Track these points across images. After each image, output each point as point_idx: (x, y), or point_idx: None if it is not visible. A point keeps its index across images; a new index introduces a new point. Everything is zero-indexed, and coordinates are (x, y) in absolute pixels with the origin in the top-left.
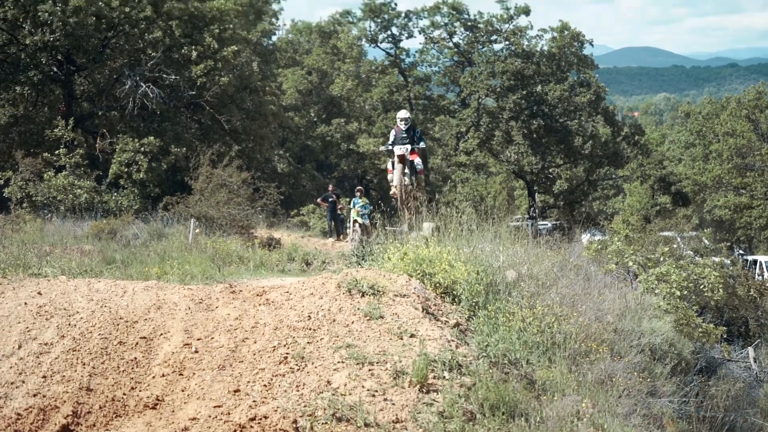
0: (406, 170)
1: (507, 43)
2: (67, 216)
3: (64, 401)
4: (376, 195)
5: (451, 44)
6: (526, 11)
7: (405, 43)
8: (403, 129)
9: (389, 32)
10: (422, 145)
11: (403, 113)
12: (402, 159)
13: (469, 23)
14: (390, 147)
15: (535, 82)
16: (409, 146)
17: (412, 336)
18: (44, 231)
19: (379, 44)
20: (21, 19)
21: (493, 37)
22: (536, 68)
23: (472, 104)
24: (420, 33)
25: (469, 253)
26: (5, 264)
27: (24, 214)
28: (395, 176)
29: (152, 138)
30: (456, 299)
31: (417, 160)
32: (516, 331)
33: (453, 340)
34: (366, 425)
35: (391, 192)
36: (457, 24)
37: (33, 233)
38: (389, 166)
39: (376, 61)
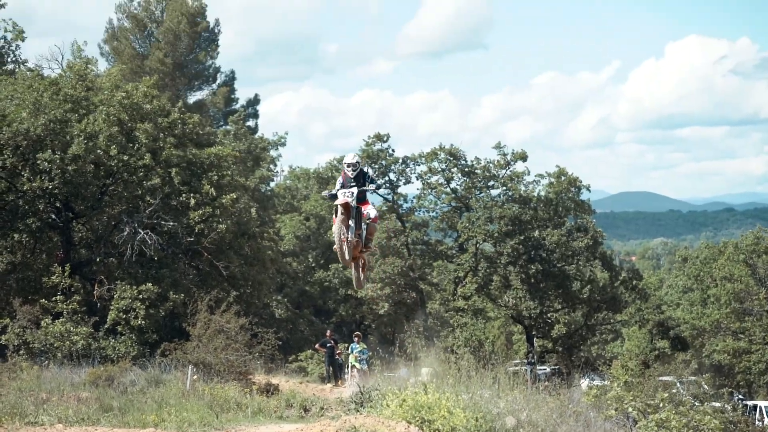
0: (351, 222)
1: (504, 188)
2: (64, 363)
3: None
4: (374, 340)
5: (448, 189)
6: (523, 157)
7: (403, 189)
8: (351, 176)
9: (387, 178)
10: (373, 186)
11: (349, 157)
12: (346, 208)
13: (466, 169)
14: (333, 192)
15: (533, 227)
16: (355, 189)
17: None
18: (41, 378)
19: (376, 190)
20: (20, 167)
21: (491, 183)
22: (534, 213)
23: (470, 249)
24: (417, 178)
25: (468, 399)
26: (1, 412)
27: (21, 362)
28: (335, 228)
29: (150, 285)
30: None
31: (368, 208)
32: None
33: None
34: None
35: (333, 246)
36: (454, 170)
37: (30, 380)
38: (333, 215)
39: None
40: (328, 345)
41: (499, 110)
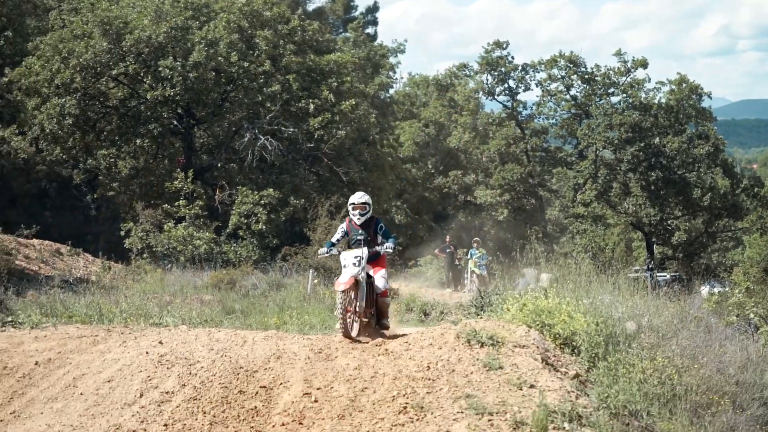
0: (358, 295)
1: (624, 95)
2: (186, 266)
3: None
4: (493, 246)
5: (568, 96)
6: (644, 64)
7: (522, 96)
8: (358, 223)
9: (506, 85)
10: (389, 247)
11: (358, 196)
12: (354, 285)
13: (586, 76)
14: (333, 250)
15: (653, 134)
16: (364, 253)
17: (531, 386)
18: (164, 281)
19: (496, 97)
20: (142, 74)
21: (611, 90)
22: (654, 120)
23: (590, 156)
24: (537, 86)
25: (588, 304)
26: (127, 314)
27: (144, 265)
28: (337, 302)
29: (271, 190)
30: (575, 350)
31: (378, 276)
32: (636, 383)
33: (573, 391)
34: None
35: (337, 326)
36: (574, 77)
37: (153, 283)
38: (339, 278)
39: (493, 113)
40: (447, 250)
41: (619, 18)
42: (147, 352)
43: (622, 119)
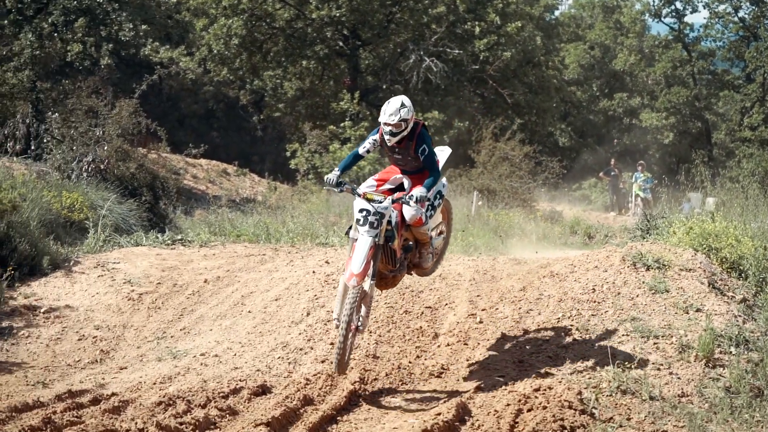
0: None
1: None
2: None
3: (352, 368)
4: (657, 170)
5: (736, 18)
6: None
7: (689, 18)
8: (395, 138)
9: (673, 6)
10: (422, 195)
11: (392, 110)
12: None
13: None
14: (344, 184)
15: None
16: (387, 206)
17: (697, 310)
18: (330, 202)
19: (662, 19)
20: None
21: None
22: None
23: (758, 79)
24: (704, 7)
25: (756, 228)
26: (293, 233)
27: (310, 185)
28: (338, 300)
29: (435, 112)
30: (742, 275)
31: (415, 194)
32: None
33: (740, 316)
34: (651, 398)
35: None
36: None
37: (319, 204)
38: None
39: (660, 35)
40: (612, 174)
41: None
42: (314, 272)
43: None
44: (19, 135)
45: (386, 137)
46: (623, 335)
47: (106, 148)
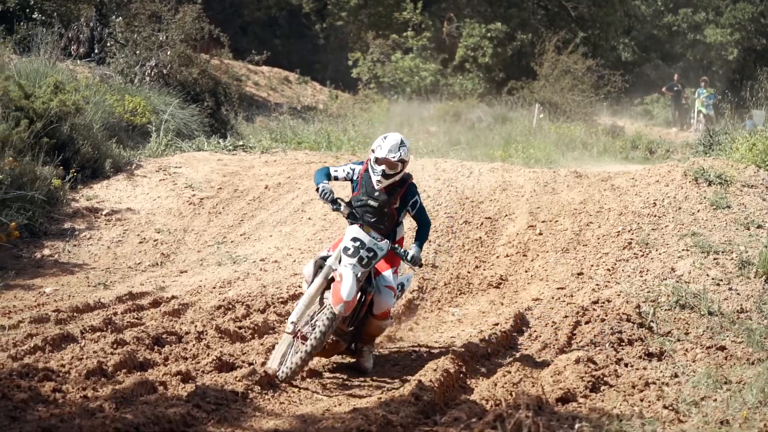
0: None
1: None
2: (412, 97)
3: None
4: (721, 86)
5: None
6: None
7: None
8: (386, 181)
9: None
10: (415, 258)
11: (390, 145)
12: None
13: None
14: (339, 205)
15: None
16: (385, 247)
17: (759, 227)
18: (390, 111)
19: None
20: None
21: None
22: None
23: None
24: None
25: None
26: (354, 141)
27: (371, 95)
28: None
29: (499, 24)
30: None
31: (383, 280)
32: None
33: None
34: (710, 313)
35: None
36: None
37: (380, 113)
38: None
39: None
40: (674, 89)
41: None
42: None
43: None
44: (83, 38)
45: (375, 177)
46: (683, 250)
47: (169, 53)
